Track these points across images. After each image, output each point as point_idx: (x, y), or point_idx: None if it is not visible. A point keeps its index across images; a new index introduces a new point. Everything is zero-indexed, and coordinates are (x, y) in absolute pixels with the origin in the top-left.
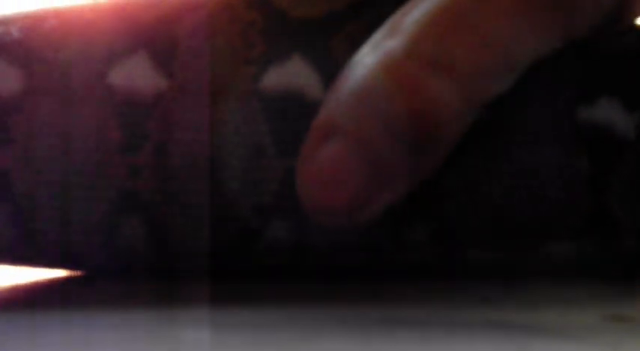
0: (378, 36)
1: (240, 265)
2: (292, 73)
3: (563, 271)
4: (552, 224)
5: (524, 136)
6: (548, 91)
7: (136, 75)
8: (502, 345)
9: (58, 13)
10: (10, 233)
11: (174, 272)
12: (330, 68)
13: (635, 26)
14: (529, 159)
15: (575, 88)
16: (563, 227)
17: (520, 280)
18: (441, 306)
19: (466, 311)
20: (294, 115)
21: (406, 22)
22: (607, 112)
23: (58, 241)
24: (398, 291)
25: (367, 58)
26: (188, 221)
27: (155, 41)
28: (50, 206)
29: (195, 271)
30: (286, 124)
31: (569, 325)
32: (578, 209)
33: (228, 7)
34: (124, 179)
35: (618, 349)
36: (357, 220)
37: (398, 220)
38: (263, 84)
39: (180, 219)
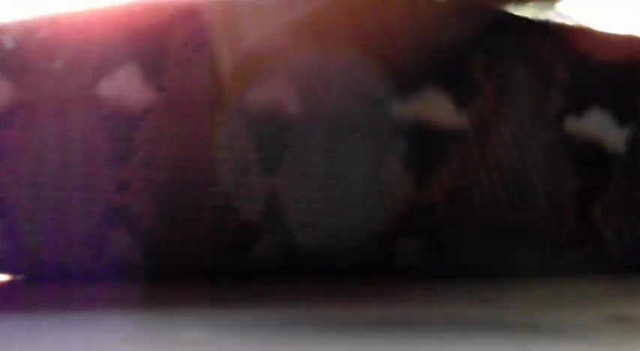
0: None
1: (231, 272)
2: (275, 88)
3: (563, 271)
4: (536, 235)
5: (509, 146)
6: (535, 99)
7: (125, 86)
8: (502, 345)
9: (50, 22)
10: (4, 246)
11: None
12: (308, 80)
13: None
14: (513, 169)
15: (564, 99)
16: (547, 238)
17: (520, 280)
18: (440, 306)
19: (466, 311)
20: (276, 131)
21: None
22: (596, 124)
23: (52, 254)
24: (397, 291)
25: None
26: (177, 234)
27: (145, 52)
28: (43, 219)
29: (186, 279)
30: (269, 141)
31: (569, 325)
32: (563, 221)
33: (222, 17)
34: (113, 192)
35: (618, 349)
36: None
37: (387, 235)
38: (248, 99)
39: (169, 232)
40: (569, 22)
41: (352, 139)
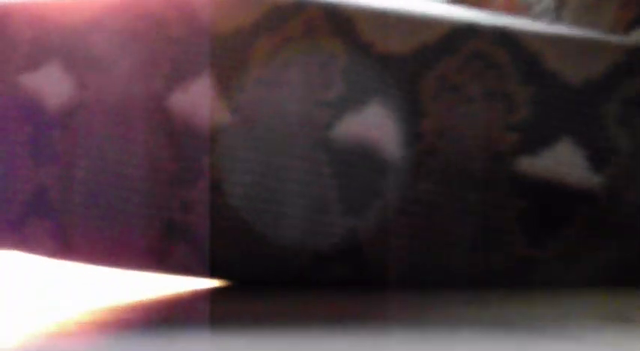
0: None
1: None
2: (368, 124)
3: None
4: None
5: (635, 215)
6: None
7: (198, 103)
8: (502, 346)
9: (123, 8)
10: (49, 247)
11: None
12: (413, 117)
13: None
14: (635, 238)
15: None
16: None
17: (520, 281)
18: (440, 307)
19: (466, 312)
20: (365, 174)
21: None
22: None
23: (98, 259)
24: (398, 292)
25: None
26: (239, 256)
27: (223, 65)
28: (93, 226)
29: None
30: (355, 182)
31: (569, 325)
32: None
33: (308, 31)
34: (174, 211)
35: (618, 350)
36: None
37: (482, 282)
38: (335, 132)
39: (231, 252)
40: None
41: (463, 194)
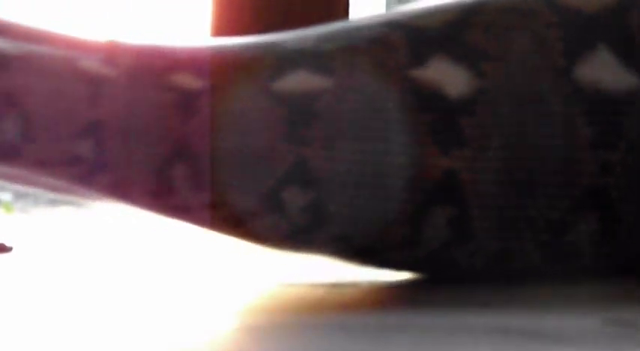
0: None
1: None
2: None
3: (563, 274)
4: None
5: None
6: None
7: (603, 71)
8: (502, 349)
9: (486, 4)
10: (451, 236)
11: (623, 269)
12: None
13: None
14: None
15: None
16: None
17: (520, 285)
18: (441, 311)
19: (466, 316)
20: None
21: None
22: None
23: (498, 239)
24: (399, 296)
25: None
26: None
27: (612, 37)
28: (511, 207)
29: None
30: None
31: (570, 329)
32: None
33: None
34: (594, 176)
35: None
36: None
37: None
38: None
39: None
40: None
41: None
